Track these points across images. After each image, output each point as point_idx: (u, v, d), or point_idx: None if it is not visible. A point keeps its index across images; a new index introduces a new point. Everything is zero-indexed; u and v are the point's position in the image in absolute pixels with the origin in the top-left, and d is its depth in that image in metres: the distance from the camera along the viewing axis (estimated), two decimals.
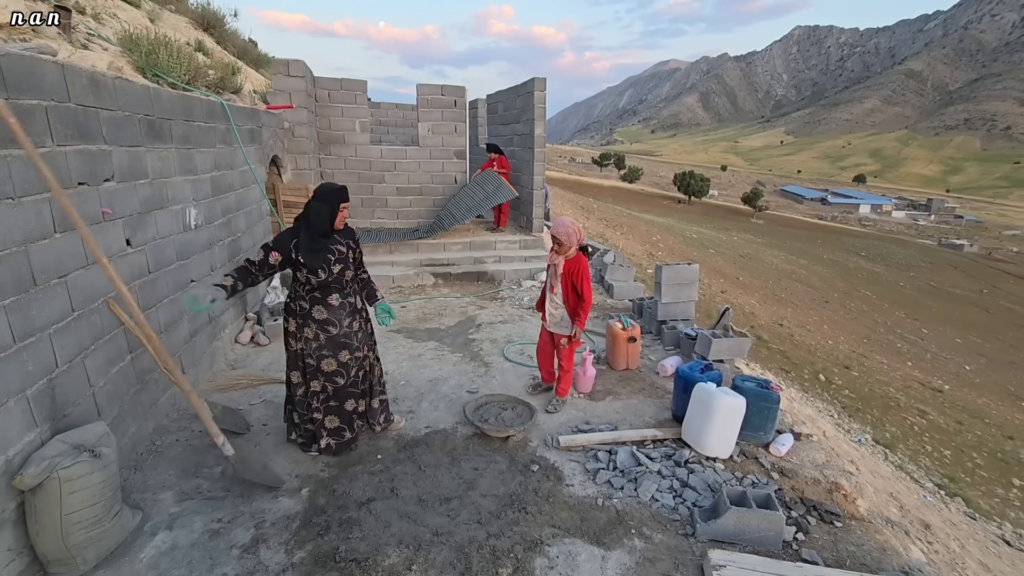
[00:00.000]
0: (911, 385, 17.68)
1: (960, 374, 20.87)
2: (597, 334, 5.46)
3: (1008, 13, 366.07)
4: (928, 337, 25.95)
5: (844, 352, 19.92)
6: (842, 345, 21.00)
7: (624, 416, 3.80)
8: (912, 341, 24.76)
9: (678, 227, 40.27)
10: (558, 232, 3.59)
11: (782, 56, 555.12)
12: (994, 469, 12.37)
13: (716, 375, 3.54)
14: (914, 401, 15.90)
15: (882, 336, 24.59)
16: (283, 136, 6.93)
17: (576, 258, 3.69)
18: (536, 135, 7.74)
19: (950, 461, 12.45)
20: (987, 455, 13.05)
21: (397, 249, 7.74)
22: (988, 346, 26.36)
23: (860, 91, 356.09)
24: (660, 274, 5.22)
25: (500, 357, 4.84)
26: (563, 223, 3.63)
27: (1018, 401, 18.60)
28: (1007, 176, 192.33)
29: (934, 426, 14.26)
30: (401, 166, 8.75)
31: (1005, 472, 12.31)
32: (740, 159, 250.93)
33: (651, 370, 4.63)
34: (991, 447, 13.59)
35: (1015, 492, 11.54)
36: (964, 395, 17.91)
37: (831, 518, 2.79)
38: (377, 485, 2.89)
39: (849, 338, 22.60)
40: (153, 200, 3.41)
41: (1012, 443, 14.17)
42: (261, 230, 5.75)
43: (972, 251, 61.57)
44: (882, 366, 19.39)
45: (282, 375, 4.16)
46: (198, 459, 3.02)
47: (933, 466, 11.89)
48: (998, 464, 12.71)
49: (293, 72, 6.87)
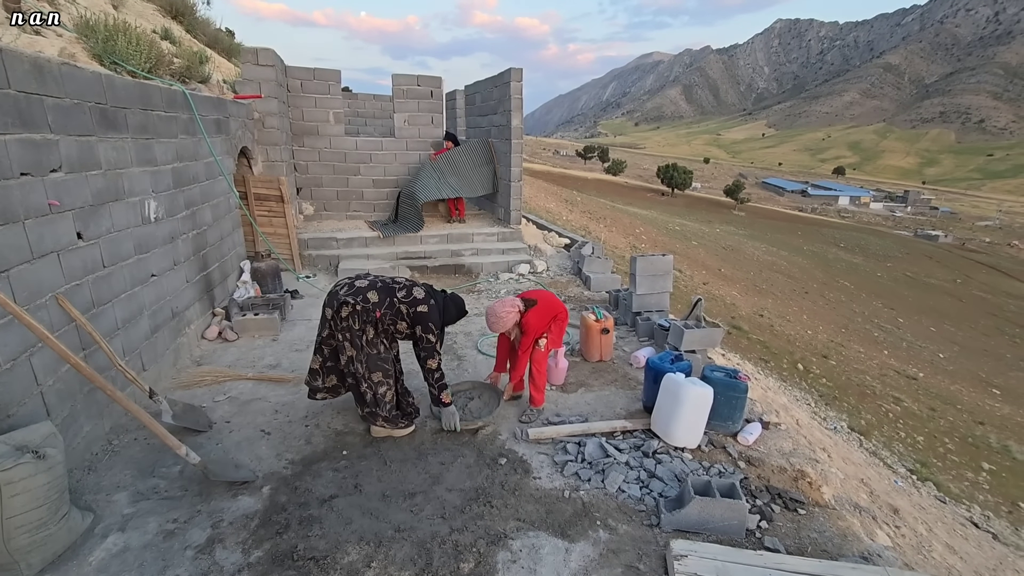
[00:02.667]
0: (887, 373, 17.96)
1: (934, 362, 21.23)
2: (570, 325, 5.45)
3: (982, 8, 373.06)
4: (904, 326, 26.38)
5: (822, 341, 20.21)
6: (821, 335, 21.30)
7: (596, 408, 3.79)
8: (888, 330, 25.16)
9: (661, 219, 40.40)
10: (493, 325, 3.35)
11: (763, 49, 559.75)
12: (965, 454, 12.60)
13: (686, 365, 3.54)
14: (889, 389, 16.17)
15: (859, 325, 24.96)
16: (253, 127, 6.77)
17: (525, 318, 3.42)
18: (513, 126, 7.68)
19: (923, 447, 12.67)
20: (958, 440, 13.29)
21: (372, 242, 7.64)
22: (961, 334, 26.90)
23: (840, 84, 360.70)
24: (635, 265, 5.22)
25: (474, 350, 4.80)
26: (492, 313, 3.34)
27: (989, 388, 18.98)
28: (980, 168, 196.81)
29: (908, 413, 14.50)
30: (377, 158, 8.63)
31: (975, 456, 12.55)
32: (722, 152, 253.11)
33: (625, 361, 4.63)
34: (963, 432, 13.84)
35: (984, 476, 11.77)
36: (938, 382, 18.23)
37: (795, 505, 2.81)
38: (341, 481, 2.84)
39: (828, 328, 22.91)
40: (107, 192, 3.29)
41: (983, 428, 14.44)
42: (230, 223, 5.62)
43: (947, 242, 62.91)
44: (859, 355, 19.67)
45: (249, 371, 4.08)
46: (156, 458, 2.94)
47: (906, 452, 12.13)
48: (968, 449, 12.96)
49: (262, 61, 6.71)
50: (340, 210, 8.62)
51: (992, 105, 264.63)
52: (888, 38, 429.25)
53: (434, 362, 3.08)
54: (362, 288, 3.07)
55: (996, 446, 13.28)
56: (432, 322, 3.02)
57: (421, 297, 3.07)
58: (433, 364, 3.09)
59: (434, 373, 3.12)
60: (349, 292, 3.06)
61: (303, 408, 3.62)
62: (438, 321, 3.07)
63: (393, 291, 3.08)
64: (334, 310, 3.06)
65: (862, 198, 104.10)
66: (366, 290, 3.05)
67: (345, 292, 3.07)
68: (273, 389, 3.89)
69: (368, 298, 3.02)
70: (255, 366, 4.27)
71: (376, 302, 3.02)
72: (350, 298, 3.02)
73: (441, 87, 8.56)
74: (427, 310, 3.03)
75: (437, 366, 3.11)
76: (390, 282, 3.16)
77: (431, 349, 3.05)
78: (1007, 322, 31.33)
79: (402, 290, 3.10)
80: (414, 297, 3.06)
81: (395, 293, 3.07)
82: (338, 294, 3.08)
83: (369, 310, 3.00)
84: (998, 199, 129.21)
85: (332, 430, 3.36)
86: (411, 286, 3.13)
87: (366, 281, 3.13)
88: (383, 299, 3.03)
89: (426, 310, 3.03)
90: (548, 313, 3.52)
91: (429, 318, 3.02)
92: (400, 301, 3.04)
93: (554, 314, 3.58)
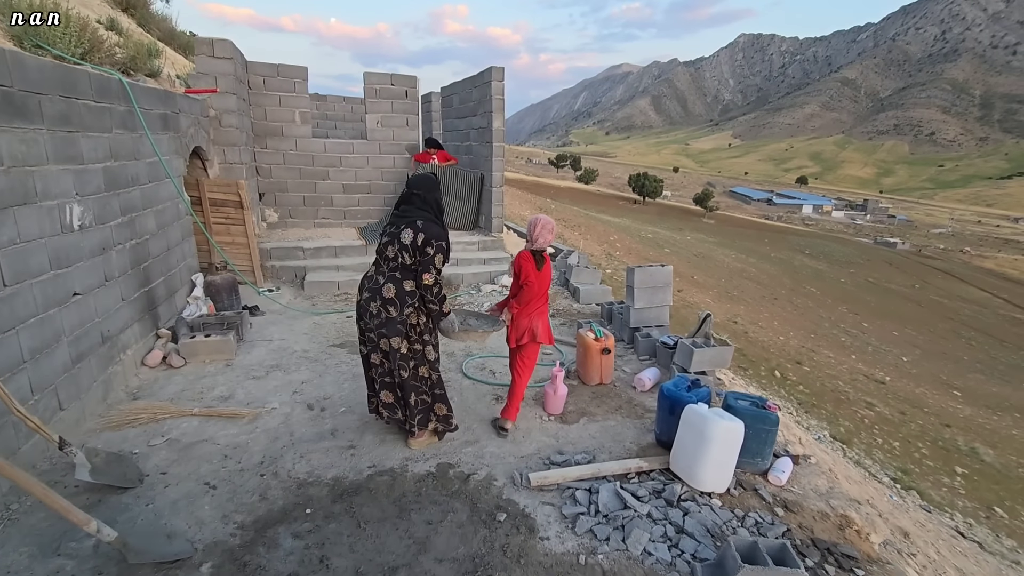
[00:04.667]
0: (857, 378, 18.25)
1: (899, 365, 21.82)
2: (566, 344, 4.98)
3: (931, 27, 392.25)
4: (868, 330, 27.12)
5: (794, 347, 20.49)
6: (792, 340, 21.63)
7: (602, 442, 3.31)
8: (854, 335, 25.78)
9: (634, 227, 40.72)
10: (544, 235, 3.35)
11: (728, 62, 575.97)
12: (938, 458, 12.80)
13: (704, 393, 3.10)
14: (861, 393, 16.37)
15: (827, 331, 25.49)
16: (208, 126, 6.13)
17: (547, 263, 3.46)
18: (494, 128, 7.22)
19: (899, 452, 12.77)
20: (930, 444, 13.53)
21: (344, 251, 7.05)
22: (921, 338, 27.80)
23: (801, 97, 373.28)
24: (632, 277, 4.79)
25: (458, 374, 4.28)
26: (546, 224, 3.37)
27: (950, 390, 19.60)
28: (932, 178, 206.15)
29: (881, 418, 14.66)
30: (347, 161, 8.03)
31: (948, 460, 12.77)
32: (691, 161, 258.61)
33: (627, 384, 4.18)
34: (932, 436, 14.11)
35: (959, 480, 11.90)
36: (904, 385, 18.67)
37: (850, 564, 2.38)
38: (303, 553, 2.28)
39: (798, 333, 23.32)
40: (11, 193, 2.67)
41: (950, 431, 14.77)
42: (178, 232, 4.98)
43: (904, 249, 65.14)
44: (829, 360, 19.98)
45: (195, 405, 3.48)
46: (65, 529, 2.32)
47: (886, 459, 12.23)
48: (940, 452, 13.18)
49: (219, 53, 6.08)
50: (307, 217, 7.98)
51: (942, 119, 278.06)
52: (845, 54, 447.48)
53: (430, 277, 2.91)
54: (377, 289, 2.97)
55: (964, 449, 13.60)
56: (432, 237, 2.88)
57: (412, 240, 2.88)
58: (429, 280, 2.91)
59: (432, 288, 2.94)
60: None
61: (259, 451, 3.04)
62: (438, 232, 2.92)
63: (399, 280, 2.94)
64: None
65: (824, 207, 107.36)
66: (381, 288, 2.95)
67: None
68: (223, 427, 3.29)
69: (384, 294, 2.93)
70: (203, 399, 3.66)
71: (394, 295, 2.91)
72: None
73: (417, 87, 8.05)
74: (424, 236, 2.87)
75: (434, 281, 2.93)
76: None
77: (428, 263, 2.89)
78: (963, 326, 32.65)
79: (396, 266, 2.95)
80: (412, 243, 2.88)
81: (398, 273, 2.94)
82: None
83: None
84: (950, 207, 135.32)
85: (294, 480, 2.79)
86: (399, 248, 2.91)
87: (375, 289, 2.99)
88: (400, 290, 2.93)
89: (423, 236, 2.87)
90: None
91: (428, 236, 2.87)
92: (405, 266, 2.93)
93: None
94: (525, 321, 3.36)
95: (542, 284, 3.35)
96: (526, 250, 3.37)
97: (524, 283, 3.33)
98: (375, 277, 2.98)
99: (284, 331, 5.04)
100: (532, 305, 3.37)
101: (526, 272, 3.30)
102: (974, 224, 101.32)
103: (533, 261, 3.31)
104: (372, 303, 2.94)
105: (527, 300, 3.35)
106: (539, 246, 3.32)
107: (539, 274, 3.32)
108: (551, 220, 3.34)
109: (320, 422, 3.41)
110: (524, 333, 3.36)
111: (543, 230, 3.30)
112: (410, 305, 2.91)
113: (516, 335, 3.37)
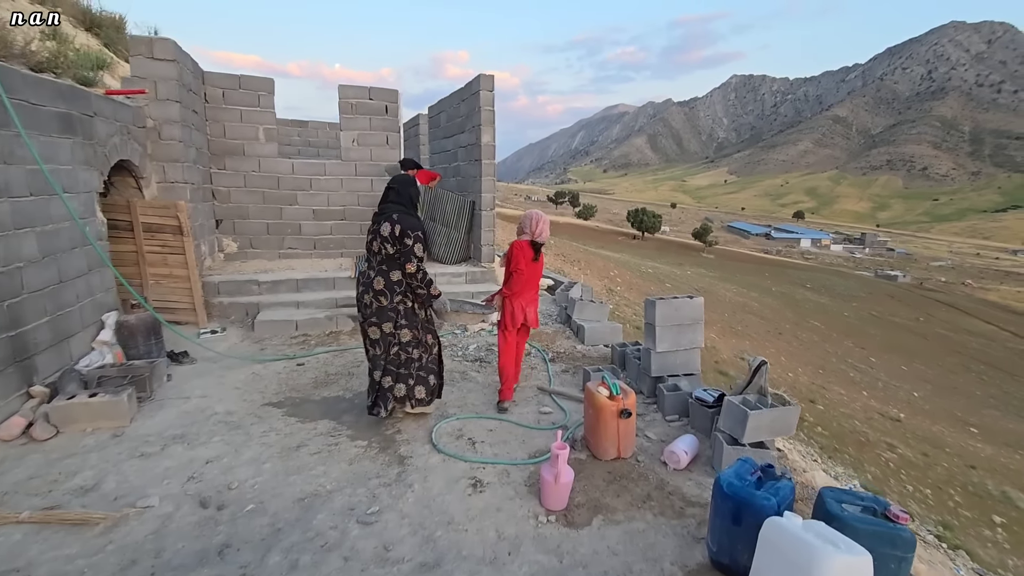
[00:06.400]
0: (872, 416, 17.74)
1: (911, 401, 21.21)
2: (569, 397, 3.89)
3: (916, 67, 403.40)
4: (876, 365, 26.50)
5: (805, 384, 20.01)
6: (802, 377, 21.23)
7: (628, 562, 2.20)
8: (863, 370, 25.25)
9: (634, 262, 40.29)
10: (543, 230, 3.51)
11: (721, 102, 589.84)
12: (973, 506, 12.05)
13: (786, 491, 2.02)
14: (880, 434, 15.72)
15: (835, 366, 25.05)
16: (145, 137, 5.20)
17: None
18: (483, 143, 6.31)
19: (934, 502, 11.94)
20: (960, 489, 12.79)
21: (307, 284, 6.02)
22: (931, 372, 27.08)
23: (794, 134, 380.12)
24: (653, 312, 3.75)
25: (427, 444, 3.17)
26: (539, 217, 3.53)
27: (967, 427, 19.03)
28: (928, 212, 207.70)
29: (906, 461, 13.91)
30: (319, 184, 7.11)
31: (983, 509, 11.98)
32: (688, 197, 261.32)
33: (652, 456, 3.08)
34: (961, 480, 13.36)
35: (1001, 533, 11.11)
36: (919, 423, 18.10)
37: None
38: None
39: (806, 369, 22.87)
40: None
41: (977, 473, 14.07)
42: (82, 261, 3.96)
43: (906, 281, 64.45)
44: (841, 397, 19.57)
45: (34, 501, 2.40)
46: None
47: (924, 512, 11.46)
48: (974, 500, 12.42)
49: (159, 54, 5.20)
50: (271, 247, 7.00)
51: (933, 154, 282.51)
52: (835, 92, 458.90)
53: (412, 265, 3.07)
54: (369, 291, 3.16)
55: (995, 493, 12.87)
56: (408, 228, 3.03)
57: (390, 231, 3.04)
58: (412, 268, 3.07)
59: (416, 275, 3.10)
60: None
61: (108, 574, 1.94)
62: (414, 223, 3.07)
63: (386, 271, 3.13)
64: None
65: (823, 240, 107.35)
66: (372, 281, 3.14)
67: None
68: (60, 542, 2.19)
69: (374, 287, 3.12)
70: (52, 491, 2.55)
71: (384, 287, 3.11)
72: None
73: (398, 101, 7.20)
74: (400, 227, 3.03)
75: (416, 268, 3.08)
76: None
77: (408, 253, 3.04)
78: (972, 359, 31.83)
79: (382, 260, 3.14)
80: (391, 235, 3.05)
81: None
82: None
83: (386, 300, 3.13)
84: (947, 240, 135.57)
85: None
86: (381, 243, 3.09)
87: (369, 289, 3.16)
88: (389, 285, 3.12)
89: (400, 228, 3.03)
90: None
91: (404, 228, 3.03)
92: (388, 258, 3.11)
93: None
94: (520, 305, 3.50)
95: (533, 274, 3.51)
96: (524, 240, 3.45)
97: (514, 270, 3.42)
98: (367, 272, 3.15)
99: (211, 385, 3.96)
100: (524, 294, 3.51)
101: (517, 259, 3.41)
102: (973, 256, 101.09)
103: (531, 251, 3.43)
104: (366, 295, 3.14)
105: (518, 289, 3.48)
106: (537, 239, 3.45)
107: (532, 264, 3.45)
108: (541, 213, 3.51)
109: (210, 530, 2.31)
110: (521, 316, 3.50)
111: (544, 225, 3.47)
112: (399, 293, 3.10)
113: (514, 320, 3.50)
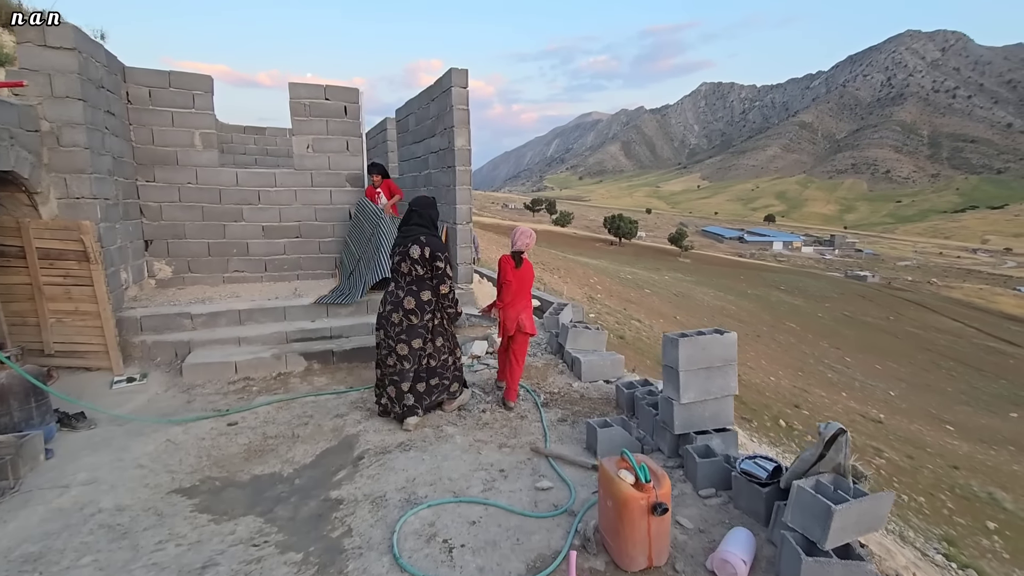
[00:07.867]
0: (855, 419, 17.71)
1: (888, 401, 21.49)
2: (572, 463, 3.06)
3: (876, 74, 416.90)
4: (852, 365, 26.84)
5: (788, 388, 20.09)
6: (783, 381, 21.49)
7: None
8: (840, 370, 25.49)
9: (612, 268, 40.19)
10: (528, 241, 3.87)
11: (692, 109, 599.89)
12: (964, 512, 12.06)
13: None
14: (864, 437, 15.76)
15: (813, 367, 25.16)
16: (38, 144, 4.23)
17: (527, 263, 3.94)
18: (457, 148, 5.49)
19: (929, 511, 11.77)
20: (950, 494, 12.81)
21: (251, 317, 5.09)
22: (904, 370, 27.64)
23: (762, 140, 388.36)
24: (676, 352, 2.95)
25: (387, 556, 2.29)
26: (526, 232, 3.88)
27: (943, 424, 19.41)
28: (892, 213, 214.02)
29: (894, 466, 13.89)
30: (268, 197, 6.18)
31: (975, 514, 12.02)
32: (662, 202, 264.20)
33: (694, 560, 2.26)
34: (948, 482, 13.45)
35: (997, 541, 11.03)
36: (899, 423, 18.26)
37: None
38: None
39: (787, 372, 22.96)
40: None
41: (961, 474, 14.22)
42: None
43: (875, 281, 65.74)
44: (823, 400, 19.49)
45: None
46: None
47: (924, 525, 11.24)
48: (963, 504, 12.46)
49: (53, 42, 4.23)
50: (213, 270, 6.04)
51: (895, 157, 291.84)
52: (800, 99, 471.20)
53: (446, 287, 3.46)
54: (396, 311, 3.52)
55: (983, 495, 12.98)
56: (436, 249, 3.43)
57: (420, 254, 3.43)
58: (446, 289, 3.47)
59: (449, 296, 3.53)
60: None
61: None
62: (439, 244, 3.46)
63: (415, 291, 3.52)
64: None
65: (794, 243, 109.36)
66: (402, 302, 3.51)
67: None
68: None
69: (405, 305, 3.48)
70: None
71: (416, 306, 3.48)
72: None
73: (359, 101, 6.33)
74: (430, 249, 3.43)
75: (449, 288, 3.50)
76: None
77: (441, 275, 3.44)
78: (941, 356, 32.60)
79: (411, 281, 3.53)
80: (420, 257, 3.43)
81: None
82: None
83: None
84: (911, 240, 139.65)
85: None
86: (411, 264, 3.47)
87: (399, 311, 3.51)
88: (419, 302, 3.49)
89: (429, 250, 3.42)
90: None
91: (434, 250, 3.43)
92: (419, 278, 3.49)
93: None
94: (512, 315, 3.75)
95: (522, 282, 3.79)
96: (506, 254, 3.82)
97: (504, 282, 3.75)
98: (395, 292, 3.48)
99: (105, 462, 3.03)
100: (517, 303, 3.78)
101: (504, 271, 3.76)
102: (936, 256, 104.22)
103: (512, 262, 3.76)
104: (395, 314, 3.45)
105: (510, 299, 3.76)
106: (516, 248, 3.78)
107: (517, 273, 3.76)
108: (530, 228, 3.85)
109: None
110: (512, 326, 3.75)
111: (521, 235, 3.82)
112: (428, 312, 3.47)
113: (506, 329, 3.77)
